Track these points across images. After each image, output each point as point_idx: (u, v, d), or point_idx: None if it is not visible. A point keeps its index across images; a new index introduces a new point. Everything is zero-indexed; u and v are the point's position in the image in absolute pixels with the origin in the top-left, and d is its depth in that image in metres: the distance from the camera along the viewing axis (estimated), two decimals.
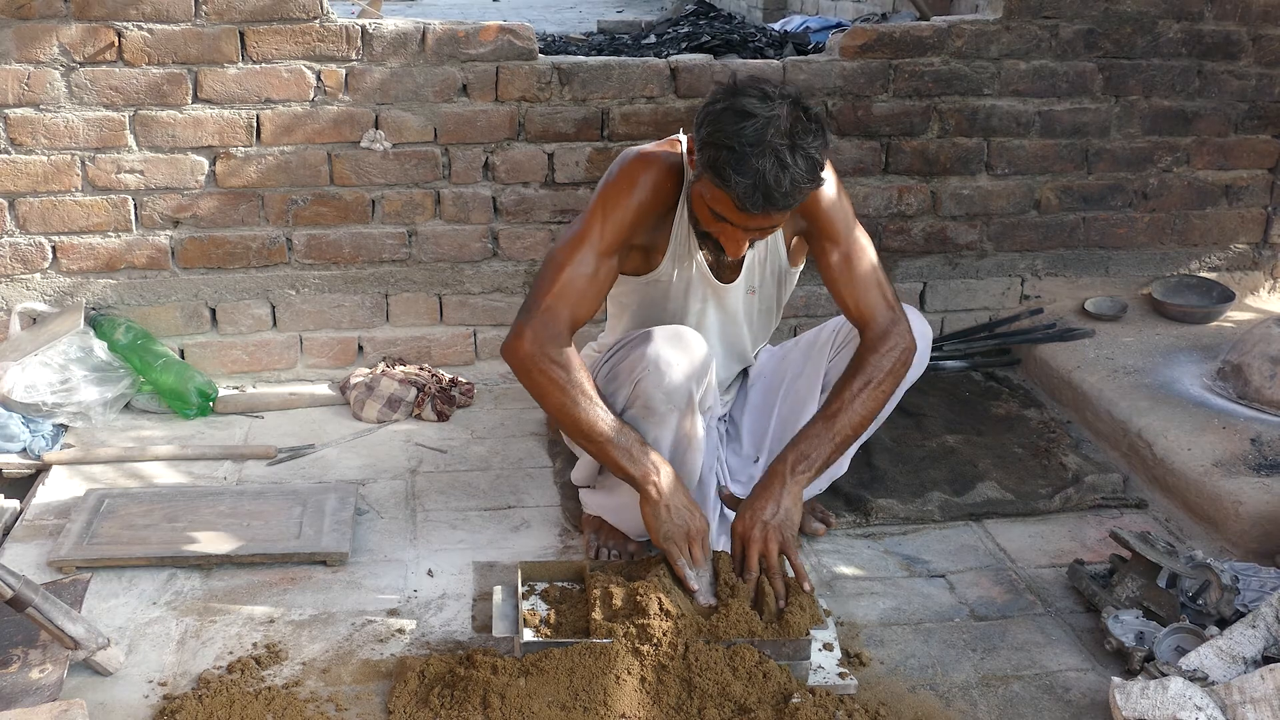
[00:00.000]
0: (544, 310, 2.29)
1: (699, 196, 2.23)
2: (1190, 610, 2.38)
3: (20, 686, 2.09)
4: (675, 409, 2.35)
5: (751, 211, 2.12)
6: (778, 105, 2.10)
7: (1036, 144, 3.71)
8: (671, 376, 2.31)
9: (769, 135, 2.07)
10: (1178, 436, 3.02)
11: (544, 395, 2.31)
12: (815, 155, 2.12)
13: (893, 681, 2.27)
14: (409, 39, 3.28)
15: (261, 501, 2.77)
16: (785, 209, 2.15)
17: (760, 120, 2.08)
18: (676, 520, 2.27)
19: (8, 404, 3.07)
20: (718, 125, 2.12)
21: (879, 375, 2.40)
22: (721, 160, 2.09)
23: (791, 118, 2.10)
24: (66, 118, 3.18)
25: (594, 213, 2.35)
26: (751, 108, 2.10)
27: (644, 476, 2.27)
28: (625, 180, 2.35)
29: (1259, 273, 4.05)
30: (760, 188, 2.08)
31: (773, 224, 2.22)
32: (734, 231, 2.21)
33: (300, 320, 3.49)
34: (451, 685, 2.09)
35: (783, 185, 2.08)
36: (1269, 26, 3.75)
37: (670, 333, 2.37)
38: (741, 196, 2.09)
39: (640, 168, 2.36)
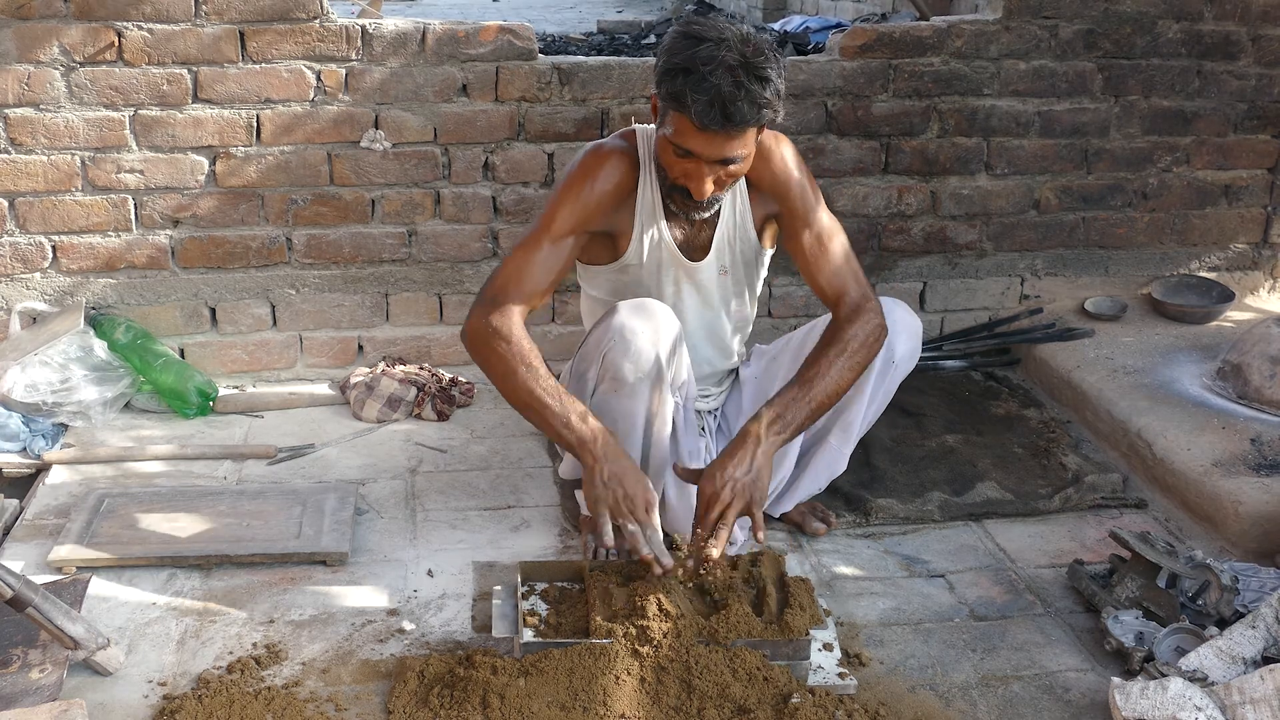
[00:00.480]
0: (493, 294, 2.37)
1: (663, 140, 2.27)
2: (1190, 610, 2.38)
3: (20, 686, 2.09)
4: (645, 379, 2.36)
5: (710, 128, 2.16)
6: (728, 30, 2.19)
7: (1036, 144, 3.72)
8: (637, 344, 2.33)
9: (721, 53, 2.14)
10: (1177, 436, 3.02)
11: (489, 367, 2.34)
12: (770, 76, 2.17)
13: (892, 681, 2.27)
14: (409, 39, 3.28)
15: (261, 501, 2.77)
16: (743, 125, 2.18)
17: (711, 42, 2.16)
18: (610, 486, 2.22)
19: (8, 403, 3.07)
20: (672, 52, 2.20)
21: (854, 345, 2.41)
22: (679, 84, 2.16)
23: (741, 40, 2.17)
24: (66, 118, 3.18)
25: (548, 205, 2.44)
26: (703, 31, 2.18)
27: (580, 443, 2.25)
28: (579, 171, 2.44)
29: (1259, 272, 4.05)
30: (717, 103, 2.13)
31: (734, 151, 2.22)
32: (698, 168, 2.24)
33: (300, 320, 3.49)
34: (451, 685, 2.09)
35: (738, 99, 2.13)
36: (1268, 26, 3.75)
37: (635, 304, 2.39)
38: (699, 114, 2.14)
39: (592, 160, 2.45)
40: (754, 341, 2.91)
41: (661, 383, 2.39)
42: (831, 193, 3.64)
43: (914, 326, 2.61)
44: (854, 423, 2.65)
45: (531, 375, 2.29)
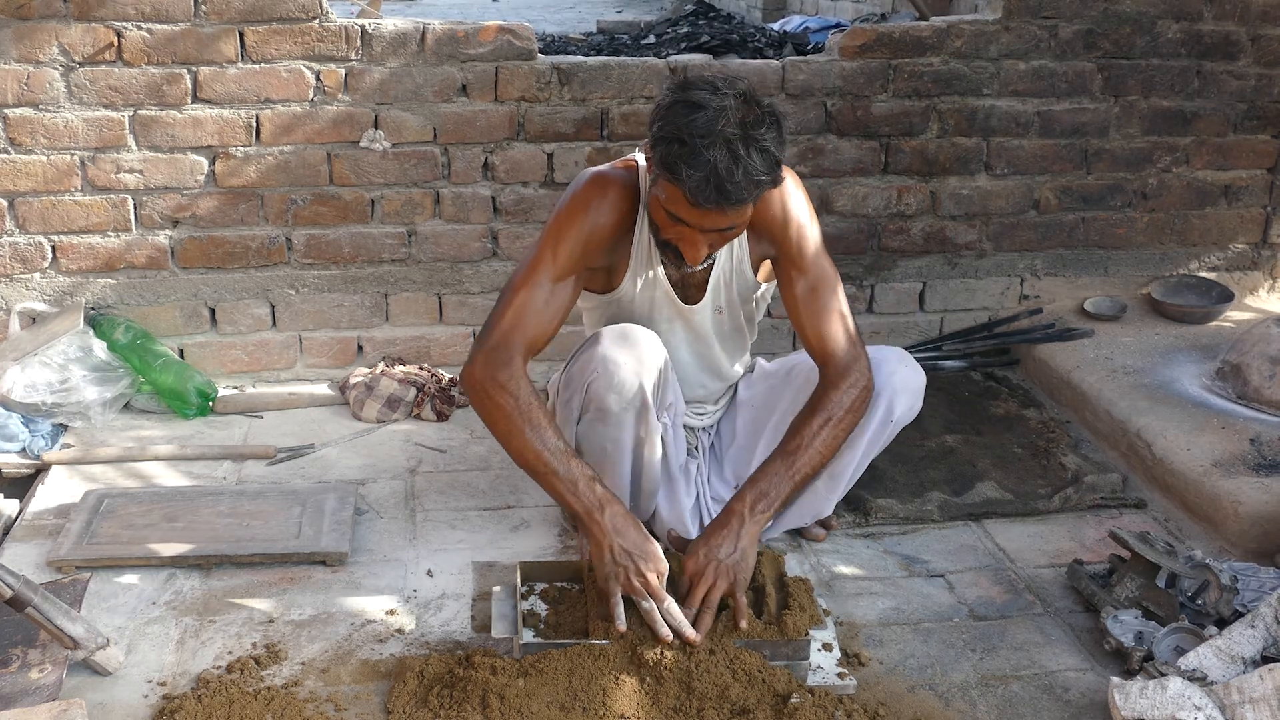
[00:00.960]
0: (497, 338, 2.26)
1: (655, 201, 2.19)
2: (1189, 610, 2.38)
3: (20, 686, 2.09)
4: (630, 408, 2.32)
5: (704, 206, 2.07)
6: (728, 97, 2.07)
7: (1036, 144, 3.72)
8: (621, 375, 2.29)
9: (719, 126, 2.04)
10: (1177, 436, 3.02)
11: (492, 422, 2.27)
12: (770, 148, 2.08)
13: (892, 681, 2.27)
14: (408, 39, 3.28)
15: (261, 501, 2.77)
16: (740, 203, 2.09)
17: (710, 111, 2.05)
18: (621, 562, 2.15)
19: (7, 404, 3.07)
20: (668, 120, 2.09)
21: (839, 413, 2.33)
22: (673, 154, 2.06)
23: (742, 109, 2.07)
24: (66, 118, 3.18)
25: (547, 238, 2.33)
26: (701, 100, 2.07)
27: (586, 513, 2.18)
28: (578, 204, 2.33)
29: (1258, 272, 4.05)
30: (713, 180, 2.03)
31: (729, 223, 2.14)
32: (691, 234, 2.16)
33: (300, 320, 3.49)
34: (451, 685, 2.09)
35: (735, 177, 2.04)
36: (1268, 27, 3.75)
37: (617, 332, 2.34)
38: (693, 191, 2.05)
39: (593, 191, 2.34)
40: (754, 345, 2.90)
41: (647, 410, 2.35)
42: (831, 193, 3.64)
43: (916, 385, 2.53)
44: (843, 473, 2.59)
45: (536, 435, 2.20)
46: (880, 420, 2.51)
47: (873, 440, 2.55)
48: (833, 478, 2.59)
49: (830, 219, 3.66)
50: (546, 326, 2.31)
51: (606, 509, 2.18)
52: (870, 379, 2.39)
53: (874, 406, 2.48)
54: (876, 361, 2.49)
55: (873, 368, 2.46)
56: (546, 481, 2.23)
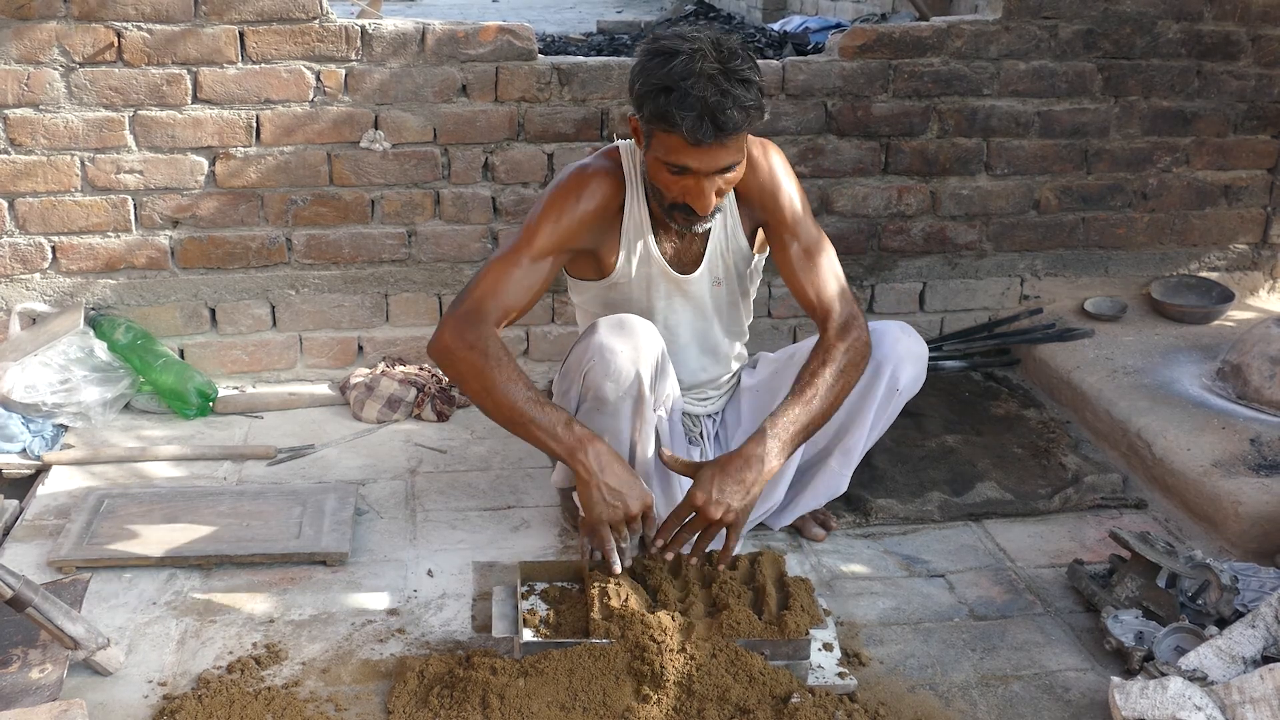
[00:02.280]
0: (469, 305, 2.32)
1: (654, 161, 2.24)
2: (1190, 610, 2.38)
3: (20, 686, 2.09)
4: (627, 396, 2.33)
5: (704, 142, 2.14)
6: (698, 40, 2.15)
7: (1036, 144, 3.72)
8: (617, 363, 2.30)
9: (699, 65, 2.12)
10: (1177, 436, 3.02)
11: (464, 382, 2.30)
12: (751, 77, 2.16)
13: (892, 681, 2.27)
14: (409, 39, 3.28)
15: (261, 501, 2.78)
16: (735, 132, 2.15)
17: (686, 55, 2.13)
18: (611, 501, 2.21)
19: (8, 404, 3.07)
20: (648, 73, 2.17)
21: (845, 363, 2.38)
22: (662, 104, 2.14)
23: (715, 48, 2.15)
24: (66, 118, 3.18)
25: (526, 225, 2.39)
26: (675, 47, 2.15)
27: (570, 453, 2.22)
28: (562, 191, 2.39)
29: (1258, 273, 4.05)
30: (706, 116, 2.11)
31: (730, 159, 2.21)
32: (697, 183, 2.22)
33: (300, 320, 3.49)
34: (451, 685, 2.09)
35: (726, 107, 2.11)
36: (1268, 27, 3.75)
37: (614, 321, 2.36)
38: (691, 130, 2.11)
39: (577, 179, 2.40)
40: (755, 345, 2.90)
41: (643, 400, 2.36)
42: (831, 193, 3.64)
43: (919, 353, 2.56)
44: (855, 447, 2.62)
45: (512, 387, 2.23)
46: (886, 390, 2.54)
47: (879, 411, 2.58)
48: (845, 453, 2.63)
49: (830, 219, 3.66)
50: (520, 298, 2.35)
51: (589, 447, 2.22)
52: (868, 335, 2.45)
53: (878, 376, 2.52)
54: (879, 333, 2.54)
55: (875, 339, 2.51)
56: (525, 430, 2.25)
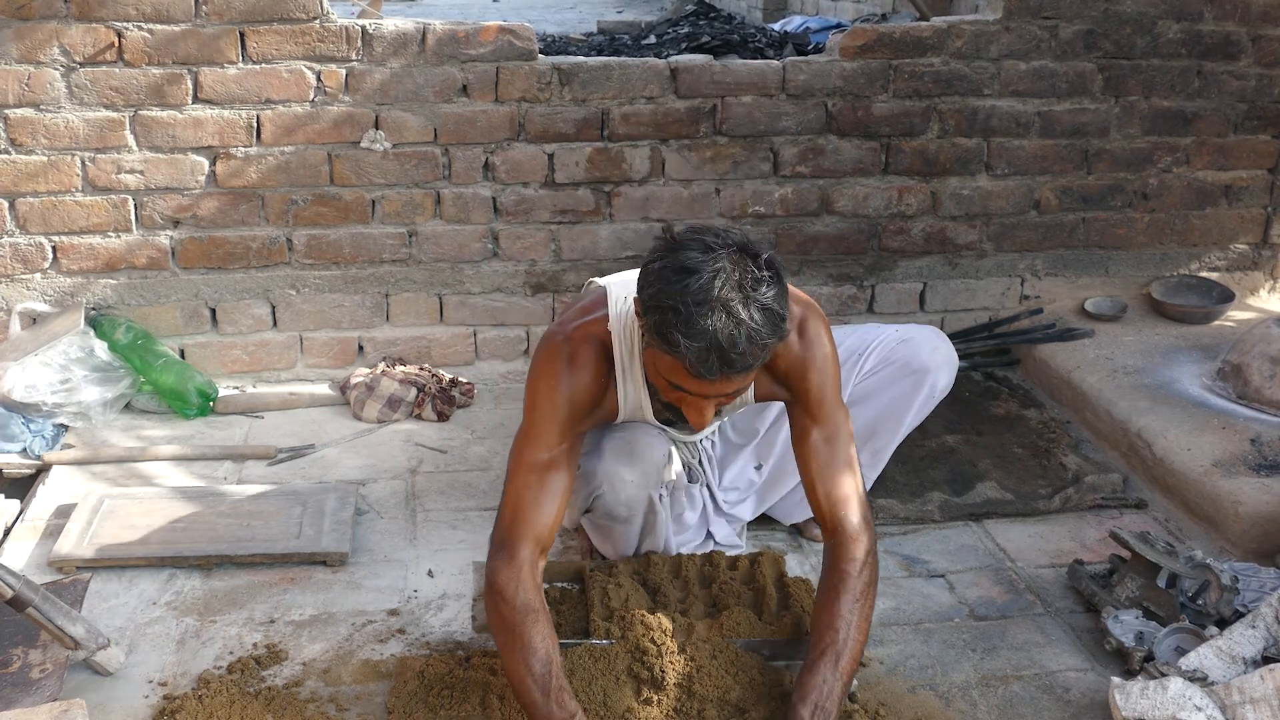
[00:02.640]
0: (501, 534, 2.08)
1: (653, 366, 2.00)
2: (1190, 610, 2.38)
3: (20, 686, 2.09)
4: (637, 513, 2.36)
5: (708, 378, 1.87)
6: (721, 257, 1.86)
7: (1036, 144, 3.72)
8: (628, 492, 2.30)
9: (716, 290, 1.83)
10: (1177, 436, 3.02)
11: (491, 629, 2.06)
12: (773, 306, 1.88)
13: (892, 681, 2.27)
14: (409, 39, 3.28)
15: (261, 501, 2.77)
16: (745, 370, 1.89)
17: (704, 275, 1.84)
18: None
19: (8, 404, 3.07)
20: (659, 286, 1.89)
21: (862, 587, 2.08)
22: (668, 324, 1.86)
23: (739, 267, 1.87)
24: (66, 118, 3.18)
25: (529, 415, 2.15)
26: (692, 262, 1.86)
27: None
28: (549, 376, 2.14)
29: (1259, 273, 4.05)
30: (714, 349, 1.83)
31: (735, 388, 1.95)
32: (695, 401, 1.97)
33: (300, 320, 3.49)
34: (451, 686, 2.10)
35: (738, 344, 1.84)
36: (1268, 27, 3.75)
37: (623, 445, 2.28)
38: (695, 362, 1.85)
39: (562, 357, 2.15)
40: None
41: (654, 513, 2.39)
42: (832, 193, 3.64)
43: (954, 359, 2.60)
44: (884, 449, 2.66)
45: (522, 657, 1.95)
46: (925, 397, 2.58)
47: (915, 416, 2.62)
48: (875, 454, 2.66)
49: (831, 219, 3.66)
50: (549, 514, 2.10)
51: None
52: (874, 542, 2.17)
53: (920, 385, 2.55)
54: (915, 343, 2.55)
55: (913, 349, 2.52)
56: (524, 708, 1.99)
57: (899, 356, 2.57)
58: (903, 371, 2.57)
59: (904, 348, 2.58)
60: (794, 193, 3.61)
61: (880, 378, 2.59)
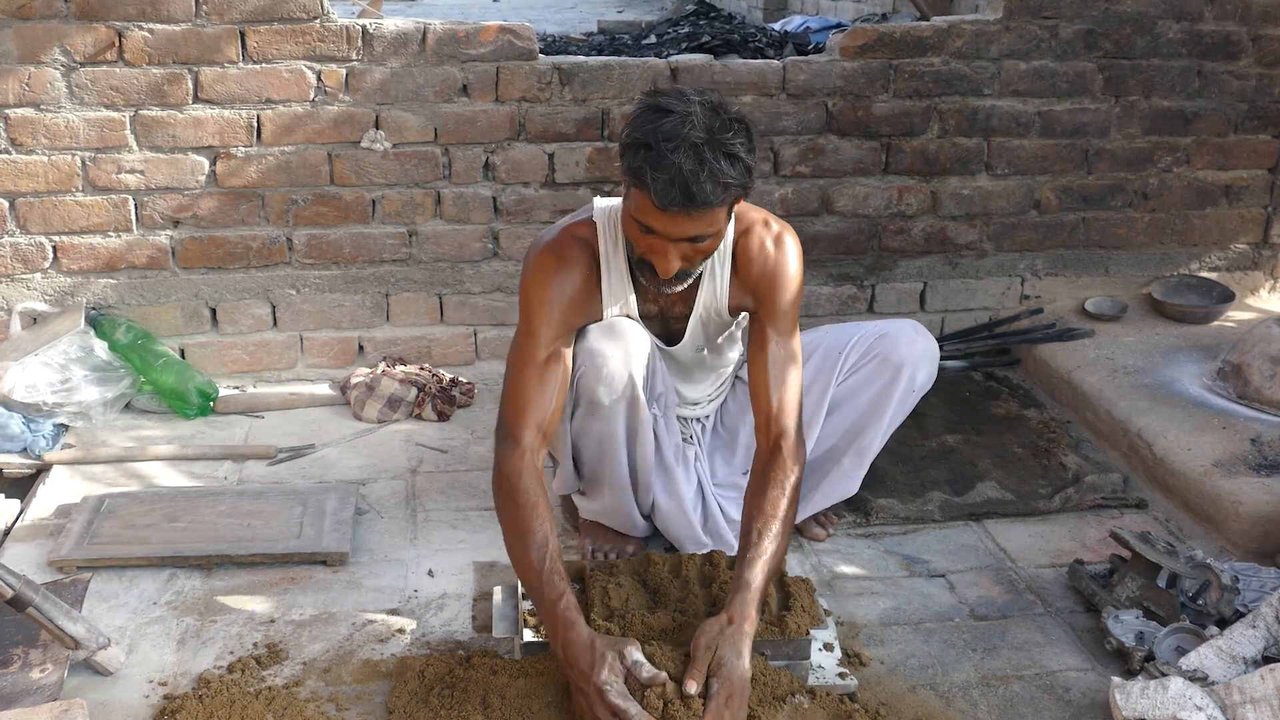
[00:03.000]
0: (505, 426, 2.26)
1: (627, 213, 2.18)
2: (1190, 610, 2.38)
3: (21, 686, 2.09)
4: (621, 400, 2.36)
5: (670, 209, 2.05)
6: (694, 104, 2.07)
7: (1036, 144, 3.72)
8: (610, 367, 2.32)
9: (685, 130, 2.03)
10: (1178, 436, 3.02)
11: (499, 514, 2.23)
12: (739, 154, 2.07)
13: (893, 681, 2.27)
14: (409, 39, 3.28)
15: (262, 501, 2.78)
16: (706, 206, 2.06)
17: (676, 116, 2.05)
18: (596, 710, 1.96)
19: (8, 404, 3.07)
20: (635, 126, 2.11)
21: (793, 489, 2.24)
22: (640, 160, 2.06)
23: (709, 115, 2.06)
24: (67, 118, 3.18)
25: (524, 317, 2.32)
26: (668, 105, 2.08)
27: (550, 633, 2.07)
28: (541, 280, 2.32)
29: (1259, 272, 4.05)
30: (678, 182, 2.02)
31: (696, 230, 2.11)
32: (662, 245, 2.13)
33: (300, 320, 3.49)
34: (452, 685, 2.10)
35: (700, 179, 2.02)
36: (1269, 26, 3.75)
37: (604, 326, 2.36)
38: (659, 194, 2.04)
39: (551, 259, 2.33)
40: None
41: (637, 402, 2.38)
42: (832, 193, 3.64)
43: (933, 352, 2.59)
44: (869, 448, 2.65)
45: (521, 543, 2.13)
46: (904, 391, 2.57)
47: (896, 412, 2.61)
48: (859, 454, 2.65)
49: (831, 219, 3.66)
50: (549, 404, 2.28)
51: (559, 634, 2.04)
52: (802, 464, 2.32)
53: (897, 379, 2.55)
54: (893, 335, 2.56)
55: (890, 342, 2.54)
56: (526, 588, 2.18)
57: (877, 351, 2.58)
58: (881, 367, 2.57)
59: (881, 343, 2.58)
60: (794, 192, 3.61)
61: (860, 376, 2.59)
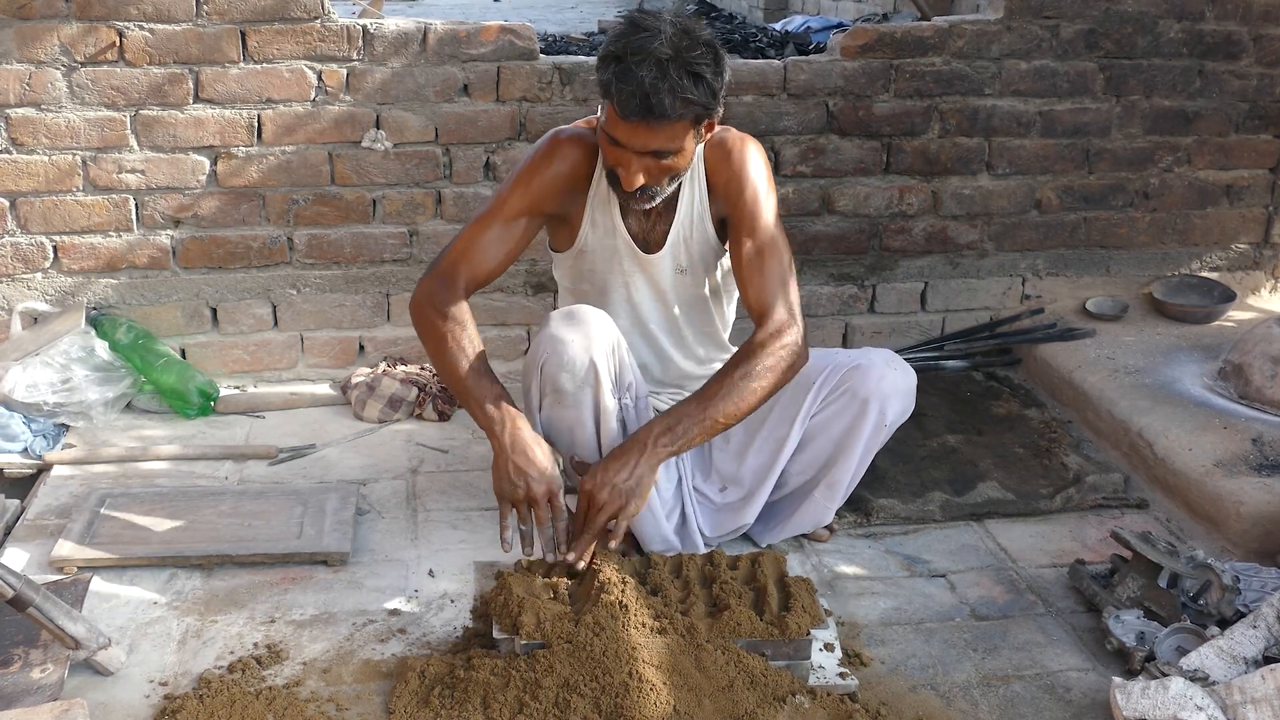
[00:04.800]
0: (442, 267, 2.43)
1: (599, 126, 2.30)
2: (1191, 610, 2.38)
3: (21, 686, 2.09)
4: (585, 386, 2.36)
5: (630, 119, 2.17)
6: (666, 24, 2.17)
7: (1037, 144, 3.72)
8: (570, 353, 2.33)
9: (653, 45, 2.14)
10: (1179, 436, 3.02)
11: (425, 339, 2.41)
12: (703, 73, 2.17)
13: (893, 681, 2.27)
14: (410, 39, 3.28)
15: (262, 501, 2.78)
16: (663, 118, 2.16)
17: (648, 33, 2.16)
18: (514, 479, 2.26)
19: (9, 403, 3.08)
20: (610, 39, 2.23)
21: (760, 367, 2.33)
22: (609, 73, 2.18)
23: (678, 35, 2.16)
24: (68, 118, 3.18)
25: (502, 187, 2.49)
26: (643, 21, 2.19)
27: (489, 427, 2.29)
28: (536, 155, 2.46)
29: (1260, 272, 4.05)
30: (638, 94, 2.13)
31: (658, 144, 2.22)
32: (625, 156, 2.24)
33: (301, 320, 3.49)
34: (452, 686, 2.09)
35: (659, 90, 2.12)
36: (1270, 26, 3.75)
37: (565, 312, 2.41)
38: (621, 104, 2.16)
39: (552, 143, 2.47)
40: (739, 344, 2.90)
41: (601, 388, 2.37)
42: (833, 192, 3.64)
43: (906, 386, 2.53)
44: (840, 481, 2.60)
45: (460, 354, 2.33)
46: (873, 426, 2.52)
47: (868, 446, 2.57)
48: (830, 486, 2.61)
49: (832, 219, 3.66)
50: (491, 261, 2.45)
51: (508, 424, 2.29)
52: (804, 349, 2.41)
53: (865, 413, 2.50)
54: (864, 369, 2.50)
55: (860, 375, 2.48)
56: (462, 397, 2.36)
57: (847, 386, 2.51)
58: (850, 402, 2.51)
59: (852, 375, 2.51)
60: (795, 192, 3.61)
61: (831, 410, 2.53)
